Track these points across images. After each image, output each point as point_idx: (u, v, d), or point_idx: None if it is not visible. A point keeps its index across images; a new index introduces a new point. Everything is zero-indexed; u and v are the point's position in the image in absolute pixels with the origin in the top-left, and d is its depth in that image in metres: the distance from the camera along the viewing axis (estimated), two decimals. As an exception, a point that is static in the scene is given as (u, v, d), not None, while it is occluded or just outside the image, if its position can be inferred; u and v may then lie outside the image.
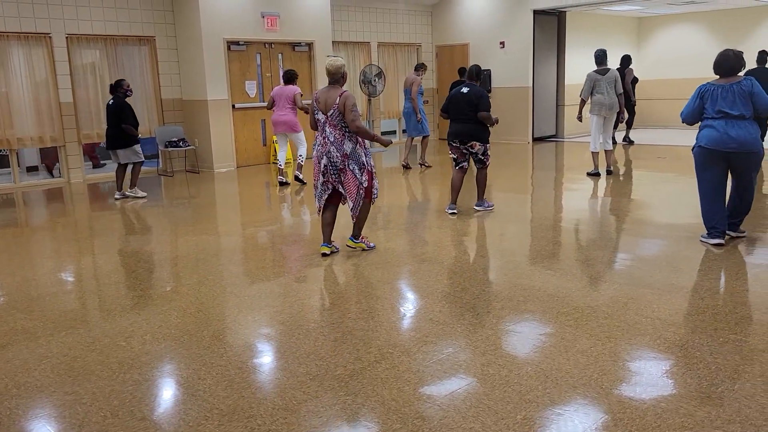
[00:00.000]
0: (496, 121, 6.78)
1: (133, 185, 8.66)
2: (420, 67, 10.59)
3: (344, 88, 5.26)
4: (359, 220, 5.41)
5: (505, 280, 4.80)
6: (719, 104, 5.21)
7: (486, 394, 3.00)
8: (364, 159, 5.17)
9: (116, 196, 8.51)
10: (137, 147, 8.50)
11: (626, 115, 9.47)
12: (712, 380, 3.06)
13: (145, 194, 8.69)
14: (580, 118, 9.10)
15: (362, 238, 5.56)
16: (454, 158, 6.97)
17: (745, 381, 3.05)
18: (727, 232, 5.52)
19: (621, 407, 2.85)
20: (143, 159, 8.70)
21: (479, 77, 6.85)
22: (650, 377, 3.14)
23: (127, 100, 8.38)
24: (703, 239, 5.49)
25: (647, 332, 3.67)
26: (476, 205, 7.12)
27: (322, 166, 5.17)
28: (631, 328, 3.73)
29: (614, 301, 4.21)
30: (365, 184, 5.22)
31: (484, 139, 6.80)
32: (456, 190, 6.96)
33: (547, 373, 3.19)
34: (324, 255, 5.39)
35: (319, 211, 5.36)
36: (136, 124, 8.43)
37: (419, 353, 3.48)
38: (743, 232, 5.61)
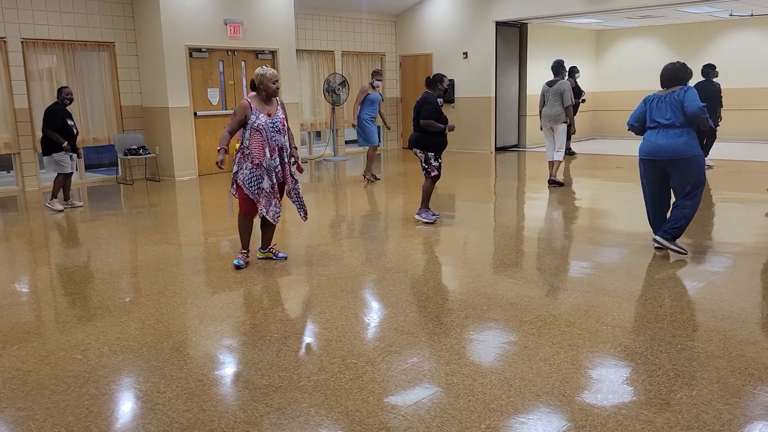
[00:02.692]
0: (451, 129, 6.65)
1: (53, 196, 8.16)
2: (373, 74, 10.13)
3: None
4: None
5: (469, 289, 4.82)
6: (654, 114, 5.36)
7: (450, 404, 3.00)
8: (240, 175, 5.14)
9: (58, 207, 8.13)
10: (58, 156, 7.99)
11: (574, 129, 9.11)
12: (671, 387, 3.12)
13: (62, 208, 8.11)
14: (541, 128, 9.17)
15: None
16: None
17: (703, 387, 3.11)
18: (656, 237, 5.47)
19: (583, 414, 2.88)
20: (68, 171, 8.13)
21: (434, 86, 6.69)
22: (611, 384, 3.18)
23: (68, 108, 8.13)
24: None
25: (608, 340, 3.72)
26: (416, 214, 6.96)
27: None
28: (593, 336, 3.78)
29: (576, 309, 4.26)
30: (236, 195, 5.28)
31: (426, 147, 6.68)
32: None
33: (511, 382, 3.20)
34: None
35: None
36: (66, 133, 7.97)
37: (383, 363, 3.46)
38: (683, 250, 5.37)
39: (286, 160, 5.22)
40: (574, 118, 8.93)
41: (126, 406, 3.13)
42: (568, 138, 12.72)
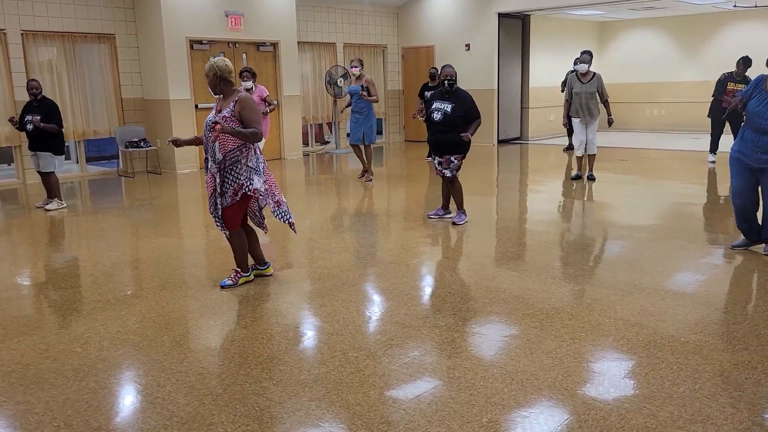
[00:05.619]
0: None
1: (56, 196, 7.90)
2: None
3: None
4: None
5: (471, 282, 4.79)
6: None
7: (452, 398, 2.98)
8: None
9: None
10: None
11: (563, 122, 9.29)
12: (674, 380, 3.10)
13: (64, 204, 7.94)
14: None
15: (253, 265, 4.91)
16: None
17: (706, 380, 3.09)
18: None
19: (585, 408, 2.86)
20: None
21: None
22: (614, 378, 3.16)
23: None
24: None
25: (611, 333, 3.69)
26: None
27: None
28: (595, 329, 3.75)
29: (578, 302, 4.24)
30: None
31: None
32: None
33: (513, 375, 3.18)
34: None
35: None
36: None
37: (384, 357, 3.45)
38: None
39: (215, 170, 4.49)
40: (565, 112, 8.98)
41: (126, 399, 3.12)
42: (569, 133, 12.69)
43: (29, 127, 7.53)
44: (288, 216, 4.69)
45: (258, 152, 4.59)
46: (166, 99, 10.49)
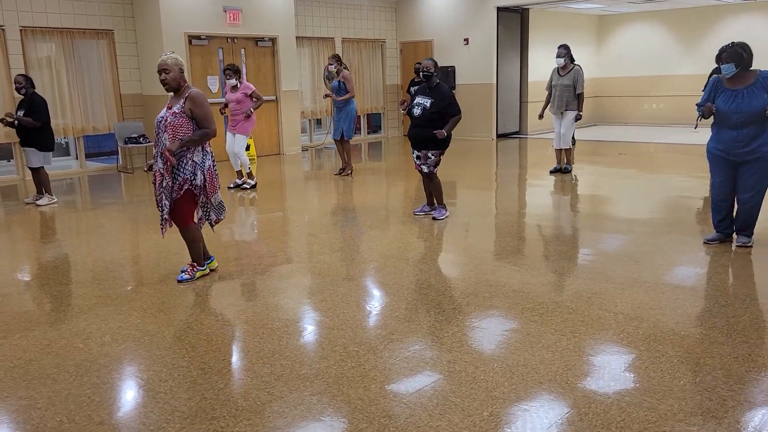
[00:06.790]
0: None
1: (47, 191, 7.98)
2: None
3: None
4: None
5: (471, 276, 4.80)
6: None
7: (452, 391, 2.99)
8: None
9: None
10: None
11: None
12: (674, 373, 3.11)
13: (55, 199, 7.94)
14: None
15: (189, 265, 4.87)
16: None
17: (706, 374, 3.10)
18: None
19: (586, 402, 2.87)
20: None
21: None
22: (614, 372, 3.17)
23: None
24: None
25: (611, 327, 3.71)
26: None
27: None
28: (595, 323, 3.77)
29: (578, 296, 4.25)
30: None
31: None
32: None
33: (513, 369, 3.19)
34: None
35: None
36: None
37: (385, 351, 3.46)
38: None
39: (161, 166, 4.46)
40: (545, 104, 9.06)
41: (128, 394, 3.13)
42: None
43: (15, 123, 7.61)
44: (219, 212, 4.75)
45: (207, 148, 4.62)
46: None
